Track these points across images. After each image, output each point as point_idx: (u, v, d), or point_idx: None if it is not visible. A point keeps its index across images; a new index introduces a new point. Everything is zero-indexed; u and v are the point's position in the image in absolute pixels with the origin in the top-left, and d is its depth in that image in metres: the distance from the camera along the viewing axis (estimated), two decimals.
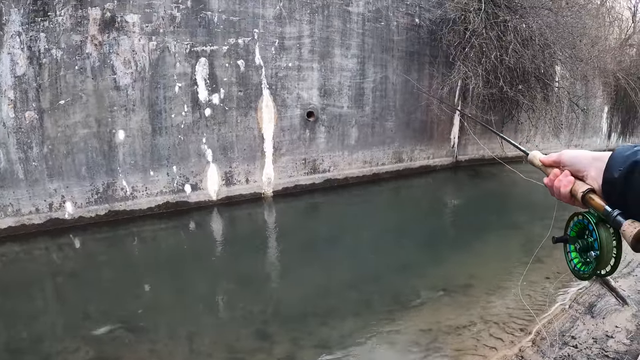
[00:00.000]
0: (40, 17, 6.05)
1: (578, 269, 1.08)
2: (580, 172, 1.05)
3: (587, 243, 1.04)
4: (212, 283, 5.62)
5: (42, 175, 6.44)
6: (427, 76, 10.95)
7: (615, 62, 16.91)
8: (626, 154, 0.92)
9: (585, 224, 1.05)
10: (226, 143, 8.02)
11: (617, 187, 0.91)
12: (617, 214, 0.92)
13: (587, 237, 1.05)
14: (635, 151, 0.91)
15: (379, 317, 4.69)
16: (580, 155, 1.07)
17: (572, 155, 1.09)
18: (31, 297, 5.04)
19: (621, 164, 0.91)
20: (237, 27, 7.74)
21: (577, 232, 1.08)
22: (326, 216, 8.61)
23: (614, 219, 0.92)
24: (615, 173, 0.92)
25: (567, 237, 1.11)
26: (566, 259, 1.13)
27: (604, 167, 0.96)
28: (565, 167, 1.10)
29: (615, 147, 0.95)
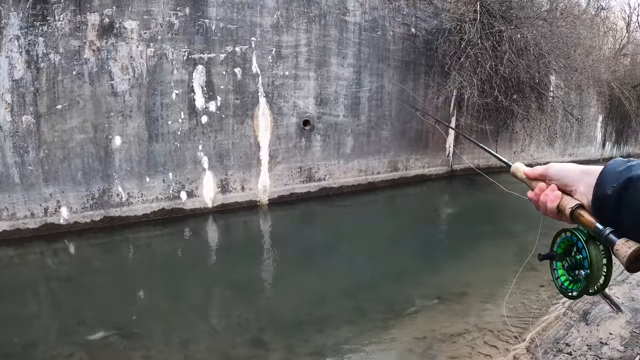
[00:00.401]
0: (39, 22, 6.07)
1: (566, 287, 1.03)
2: (568, 186, 1.00)
3: (575, 261, 0.99)
4: (207, 290, 5.60)
5: (38, 180, 6.43)
6: (423, 86, 11.02)
7: (610, 71, 17.09)
8: (619, 170, 0.88)
9: (573, 241, 1.00)
10: (222, 150, 8.03)
11: (610, 204, 0.87)
12: (610, 232, 0.88)
13: (575, 254, 1.00)
14: (629, 167, 0.87)
15: (374, 324, 4.68)
16: (568, 169, 1.02)
17: (559, 169, 1.04)
18: (25, 302, 5.01)
19: (614, 180, 0.87)
20: (235, 35, 7.78)
21: (565, 249, 1.04)
22: (321, 224, 8.61)
23: (606, 237, 0.88)
24: (607, 189, 0.87)
25: (554, 253, 1.06)
26: (552, 276, 1.08)
27: (595, 182, 0.92)
28: (551, 181, 1.06)
29: (608, 161, 0.93)
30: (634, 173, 0.84)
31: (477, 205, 10.31)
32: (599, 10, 19.93)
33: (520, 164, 1.24)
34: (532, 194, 1.10)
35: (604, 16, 19.87)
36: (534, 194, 1.09)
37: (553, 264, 1.07)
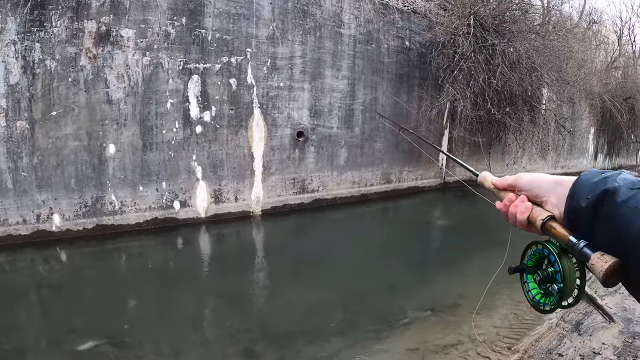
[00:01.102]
0: (36, 27, 6.08)
1: (537, 300, 0.98)
2: (539, 197, 0.97)
3: (547, 274, 0.95)
4: (199, 300, 5.57)
5: (31, 186, 6.40)
6: (417, 98, 11.10)
7: (602, 84, 17.32)
8: (593, 181, 0.84)
9: (545, 254, 0.95)
10: (216, 161, 8.03)
11: (584, 216, 0.83)
12: (584, 245, 0.84)
13: (546, 267, 0.95)
14: (604, 178, 0.83)
15: (367, 336, 4.67)
16: (539, 180, 0.98)
17: (529, 179, 1.01)
18: (14, 309, 4.96)
19: (588, 191, 0.83)
20: (231, 46, 7.83)
21: (535, 261, 0.99)
22: (314, 236, 8.60)
23: (580, 250, 0.84)
24: (582, 202, 0.83)
25: (524, 266, 1.01)
26: (523, 289, 1.02)
27: (567, 193, 0.88)
28: (521, 191, 1.02)
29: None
30: (610, 185, 0.81)
31: (469, 217, 10.33)
32: (591, 23, 20.27)
33: (488, 173, 1.20)
34: (501, 205, 1.06)
35: (595, 30, 20.22)
36: (503, 205, 1.05)
37: (524, 277, 1.02)
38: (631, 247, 0.74)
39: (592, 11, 22.08)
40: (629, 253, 0.75)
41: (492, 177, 1.16)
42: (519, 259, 1.01)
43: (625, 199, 0.77)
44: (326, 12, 9.03)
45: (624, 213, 0.76)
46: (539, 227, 0.93)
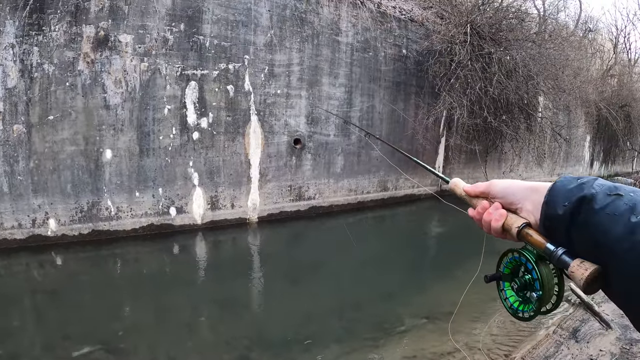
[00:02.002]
0: (34, 31, 6.09)
1: (516, 308, 0.96)
2: (514, 204, 0.95)
3: (525, 281, 0.93)
4: (194, 307, 5.53)
5: (27, 190, 6.38)
6: (413, 106, 11.13)
7: (597, 92, 17.43)
8: (570, 188, 0.83)
9: (522, 262, 0.93)
10: (213, 167, 8.02)
11: (561, 223, 0.82)
12: (562, 252, 0.83)
13: (523, 274, 0.94)
14: (580, 185, 0.82)
15: (363, 344, 4.65)
16: (513, 186, 0.97)
17: (503, 186, 0.99)
18: (8, 314, 4.91)
19: (565, 198, 0.82)
20: (228, 53, 7.84)
21: (512, 269, 0.97)
22: (310, 243, 8.58)
23: (559, 258, 0.83)
24: (559, 209, 0.82)
25: (501, 274, 0.99)
26: (500, 297, 1.01)
27: (543, 200, 0.87)
28: (495, 198, 1.00)
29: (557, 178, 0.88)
30: (587, 192, 0.80)
31: (465, 224, 10.21)
32: (587, 32, 20.41)
33: (459, 180, 1.18)
34: (475, 213, 1.04)
35: (591, 38, 20.36)
36: (477, 213, 1.03)
37: (500, 285, 1.00)
38: (610, 254, 0.73)
39: (588, 19, 22.28)
40: (608, 260, 0.74)
41: (463, 183, 1.14)
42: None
43: (602, 206, 0.77)
44: (324, 19, 9.07)
45: (602, 220, 0.75)
46: (514, 234, 0.92)
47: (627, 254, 0.70)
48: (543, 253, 0.87)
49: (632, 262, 0.69)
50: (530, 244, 0.90)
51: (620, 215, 0.74)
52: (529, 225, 0.91)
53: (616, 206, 0.75)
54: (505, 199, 0.97)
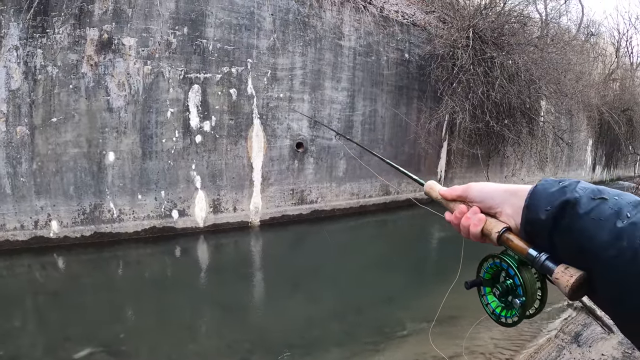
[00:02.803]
0: (38, 34, 6.13)
1: (498, 314, 0.93)
2: (493, 208, 0.92)
3: (506, 287, 0.91)
4: (196, 310, 5.53)
5: (30, 192, 6.40)
6: (416, 110, 11.14)
7: (599, 96, 17.41)
8: (551, 191, 0.80)
9: (503, 267, 0.91)
10: (215, 170, 8.03)
11: (544, 229, 0.79)
12: (545, 258, 0.80)
13: (504, 279, 0.91)
14: (562, 188, 0.80)
15: (364, 348, 4.65)
16: (492, 190, 0.93)
17: (481, 189, 0.96)
18: (10, 315, 4.93)
19: (547, 202, 0.79)
20: (231, 56, 7.87)
21: (493, 274, 0.95)
22: (312, 247, 8.58)
23: (542, 264, 0.81)
24: (541, 214, 0.79)
25: (481, 279, 0.97)
26: (482, 302, 0.98)
27: (524, 204, 0.84)
28: (473, 202, 0.97)
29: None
30: (570, 196, 0.77)
31: None
32: (589, 36, 20.44)
33: (435, 182, 1.15)
34: (452, 217, 1.01)
35: (593, 42, 20.38)
36: (454, 217, 1.00)
37: (481, 290, 0.98)
38: (596, 259, 0.71)
39: (590, 24, 22.33)
40: (594, 266, 0.72)
41: (439, 186, 1.11)
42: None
43: (587, 210, 0.74)
44: (327, 24, 9.09)
45: (587, 225, 0.73)
46: (494, 239, 0.89)
47: (614, 260, 0.68)
48: (525, 259, 0.84)
49: (619, 268, 0.68)
50: (512, 249, 0.87)
51: (606, 220, 0.72)
52: (509, 230, 0.88)
53: (601, 210, 0.73)
54: (484, 202, 0.94)
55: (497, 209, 0.91)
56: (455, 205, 1.01)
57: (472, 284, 0.97)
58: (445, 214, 1.04)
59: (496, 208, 0.91)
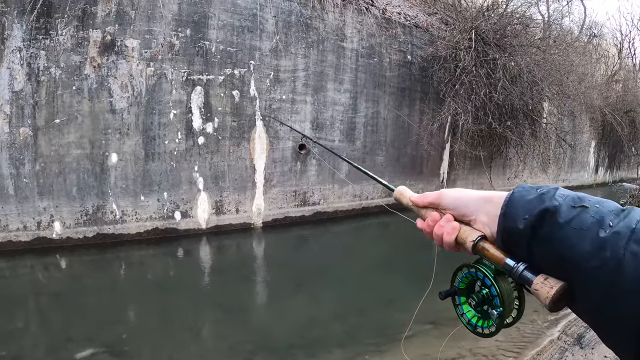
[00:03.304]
0: (41, 35, 6.15)
1: (475, 324, 0.91)
2: (467, 216, 0.90)
3: (482, 296, 0.88)
4: (198, 311, 5.54)
5: (32, 193, 6.42)
6: (418, 112, 11.13)
7: (602, 97, 17.38)
8: (529, 199, 0.78)
9: (479, 277, 0.88)
10: (218, 172, 8.04)
11: (522, 238, 0.77)
12: (524, 268, 0.78)
13: (480, 289, 0.89)
14: (540, 196, 0.77)
15: (367, 349, 4.64)
16: (465, 197, 0.91)
17: (454, 196, 0.93)
18: (12, 316, 4.95)
19: (525, 211, 0.76)
20: (234, 58, 7.88)
21: (467, 283, 0.92)
22: (315, 248, 8.59)
23: (521, 274, 0.78)
24: (518, 223, 0.77)
25: (456, 289, 0.94)
26: (457, 312, 0.95)
27: (500, 212, 0.81)
28: (446, 210, 0.94)
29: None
30: (549, 204, 0.75)
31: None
32: (592, 37, 20.45)
33: (405, 188, 1.11)
34: (424, 225, 0.98)
35: (596, 43, 20.37)
36: (426, 225, 0.97)
37: (456, 300, 0.95)
38: (577, 270, 0.69)
39: (593, 25, 22.34)
40: (575, 277, 0.70)
41: (410, 193, 1.08)
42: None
43: (567, 220, 0.72)
44: (329, 25, 9.10)
45: (568, 235, 0.71)
46: (469, 248, 0.87)
47: (597, 270, 0.66)
48: (502, 269, 0.82)
49: (602, 279, 0.66)
50: (488, 258, 0.85)
51: (588, 229, 0.70)
52: (484, 238, 0.86)
53: (582, 220, 0.71)
54: (457, 210, 0.91)
55: (472, 216, 0.89)
56: (427, 212, 0.99)
57: (447, 294, 0.95)
58: (417, 221, 1.02)
59: (470, 216, 0.89)
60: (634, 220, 0.68)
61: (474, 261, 0.90)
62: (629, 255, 0.64)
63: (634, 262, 0.63)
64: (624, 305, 0.63)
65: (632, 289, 0.62)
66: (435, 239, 0.95)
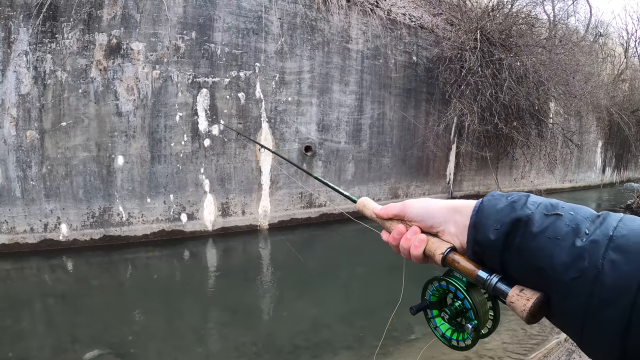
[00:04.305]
0: (47, 39, 6.20)
1: (449, 337, 0.88)
2: (434, 227, 0.86)
3: (455, 309, 0.86)
4: (204, 313, 5.54)
5: (39, 195, 6.48)
6: (424, 113, 11.11)
7: (609, 97, 17.24)
8: (499, 207, 0.74)
9: (451, 290, 0.85)
10: (224, 174, 8.05)
11: (494, 250, 0.73)
12: (497, 280, 0.75)
13: (453, 301, 0.86)
14: (511, 204, 0.74)
15: (373, 351, 4.61)
16: (432, 208, 0.87)
17: (420, 207, 0.90)
18: (19, 317, 4.97)
19: (496, 221, 0.73)
20: (239, 60, 7.90)
21: (439, 296, 0.89)
22: (321, 250, 8.57)
23: (494, 287, 0.75)
24: (490, 233, 0.73)
25: (427, 303, 0.91)
26: (429, 325, 0.92)
27: (469, 222, 0.78)
28: (412, 221, 0.91)
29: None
30: (521, 213, 0.72)
31: None
32: (597, 36, 20.33)
33: (368, 199, 1.09)
34: (390, 238, 0.94)
35: (602, 42, 20.24)
36: (392, 238, 0.93)
37: (428, 313, 0.92)
38: (554, 281, 0.66)
39: (598, 24, 22.19)
40: (553, 287, 0.67)
41: (373, 204, 1.05)
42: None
43: (541, 229, 0.69)
44: (334, 27, 9.10)
45: (543, 245, 0.68)
46: (438, 261, 0.84)
47: (575, 282, 0.64)
48: (474, 281, 0.79)
49: (580, 290, 0.63)
50: (459, 271, 0.82)
51: (563, 239, 0.67)
52: (454, 250, 0.83)
53: (557, 228, 0.68)
54: (424, 222, 0.88)
55: (439, 227, 0.86)
56: (392, 224, 0.96)
57: (418, 309, 0.92)
58: (382, 233, 0.99)
59: (438, 227, 0.86)
60: (610, 227, 0.65)
61: (444, 273, 0.87)
62: (608, 265, 0.62)
63: (613, 271, 0.61)
64: (604, 316, 0.61)
65: (612, 299, 0.60)
66: (402, 252, 0.92)
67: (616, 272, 0.61)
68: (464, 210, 0.81)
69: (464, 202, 0.83)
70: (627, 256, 0.61)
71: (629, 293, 0.59)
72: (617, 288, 0.60)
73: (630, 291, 0.59)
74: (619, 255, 0.62)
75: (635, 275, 0.59)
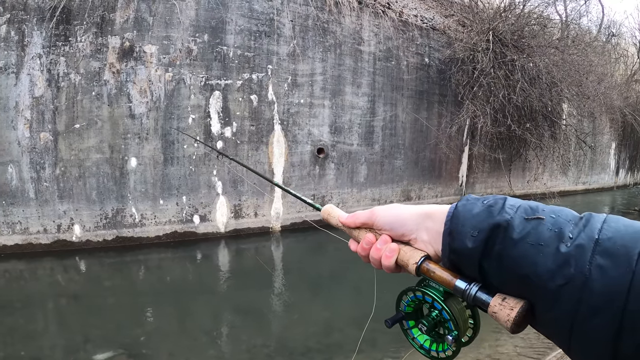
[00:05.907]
0: (61, 42, 6.28)
1: (428, 348, 0.84)
2: (405, 235, 0.82)
3: (433, 320, 0.81)
4: (216, 315, 5.56)
5: (53, 196, 6.55)
6: (436, 115, 11.06)
7: (622, 98, 17.06)
8: (475, 212, 0.70)
9: (427, 301, 0.81)
10: (236, 176, 8.07)
11: (472, 258, 0.69)
12: (477, 289, 0.70)
13: (430, 311, 0.82)
14: (488, 208, 0.70)
15: (385, 354, 4.60)
16: (402, 215, 0.83)
17: (389, 214, 0.85)
18: (32, 317, 5.03)
19: (472, 227, 0.69)
20: (252, 63, 7.92)
21: (415, 307, 0.85)
22: (333, 252, 8.54)
23: (474, 297, 0.70)
24: (467, 241, 0.69)
25: (403, 314, 0.86)
26: (406, 337, 0.87)
27: (444, 229, 0.73)
28: (381, 230, 0.86)
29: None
30: (500, 218, 0.67)
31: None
32: (610, 37, 20.13)
33: (333, 207, 1.02)
34: (358, 248, 0.89)
35: (614, 43, 20.05)
36: (361, 248, 0.88)
37: (404, 324, 0.87)
38: (540, 289, 0.63)
39: (611, 24, 21.97)
40: (538, 296, 0.64)
41: (339, 212, 0.99)
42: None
43: (522, 235, 0.65)
44: (346, 29, 9.09)
45: (525, 252, 0.64)
46: (412, 271, 0.79)
47: (562, 289, 0.60)
48: (452, 291, 0.74)
49: (568, 297, 0.60)
50: (435, 280, 0.77)
51: (546, 244, 0.63)
52: (428, 258, 0.78)
53: (539, 233, 0.64)
54: (394, 230, 0.83)
55: (411, 235, 0.81)
56: (360, 233, 0.90)
57: (394, 321, 0.86)
58: (350, 243, 0.93)
59: (409, 235, 0.81)
60: (595, 229, 0.62)
61: (417, 282, 0.83)
62: (595, 270, 0.59)
63: (601, 277, 0.58)
64: (594, 323, 0.58)
65: (601, 306, 0.58)
66: (372, 262, 0.86)
67: (605, 277, 0.58)
68: (436, 216, 0.77)
69: (435, 207, 0.79)
70: (614, 260, 0.59)
71: (619, 299, 0.56)
72: (606, 294, 0.57)
73: (620, 297, 0.56)
74: (607, 260, 0.59)
75: (625, 280, 0.57)
